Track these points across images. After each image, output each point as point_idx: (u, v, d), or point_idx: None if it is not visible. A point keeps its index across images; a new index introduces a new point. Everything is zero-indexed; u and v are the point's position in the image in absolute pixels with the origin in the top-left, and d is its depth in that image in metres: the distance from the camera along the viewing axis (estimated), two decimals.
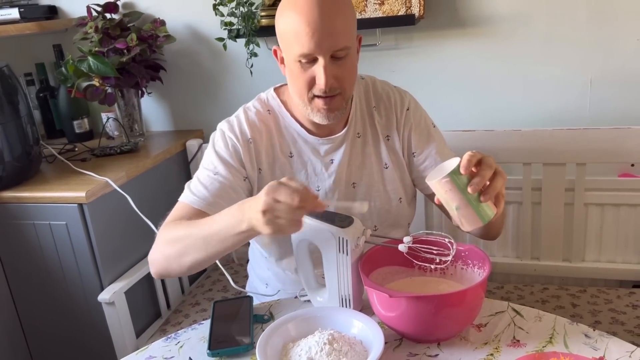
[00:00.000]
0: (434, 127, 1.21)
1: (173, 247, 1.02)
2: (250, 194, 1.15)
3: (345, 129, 1.15)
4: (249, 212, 0.89)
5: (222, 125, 1.16)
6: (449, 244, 0.94)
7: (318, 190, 1.16)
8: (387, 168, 1.17)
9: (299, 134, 1.15)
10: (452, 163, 0.87)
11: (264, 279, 1.29)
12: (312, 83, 1.03)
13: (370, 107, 1.18)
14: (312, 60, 1.01)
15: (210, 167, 1.12)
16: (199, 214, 1.06)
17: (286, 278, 1.23)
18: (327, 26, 0.98)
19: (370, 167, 1.17)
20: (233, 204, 1.01)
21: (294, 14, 0.99)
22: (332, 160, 1.15)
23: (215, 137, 1.16)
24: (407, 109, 1.17)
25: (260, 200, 0.86)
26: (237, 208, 0.93)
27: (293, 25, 1.00)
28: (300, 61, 1.02)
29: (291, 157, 1.16)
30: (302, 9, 0.99)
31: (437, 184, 0.85)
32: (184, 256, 1.01)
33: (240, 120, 1.15)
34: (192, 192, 1.09)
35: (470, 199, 0.85)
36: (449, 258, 0.93)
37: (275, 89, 1.20)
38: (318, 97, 1.04)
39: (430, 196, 1.13)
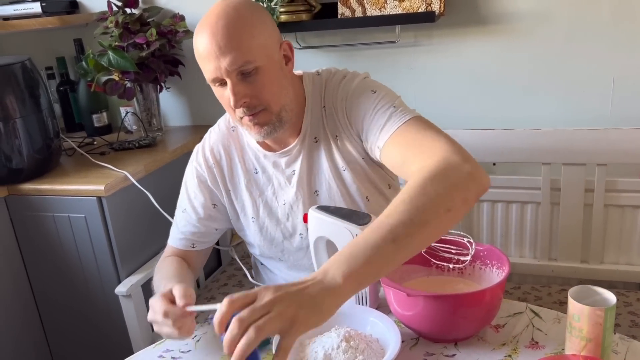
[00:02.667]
0: (374, 92, 1.06)
1: (154, 282, 1.13)
2: (227, 216, 1.21)
3: (299, 137, 1.12)
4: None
5: (193, 155, 1.21)
6: (467, 244, 0.93)
7: (284, 204, 1.15)
8: (344, 170, 1.12)
9: (259, 149, 1.15)
10: None
11: (274, 281, 1.29)
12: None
13: (320, 107, 1.12)
14: (224, 83, 1.00)
15: (181, 205, 1.22)
16: (177, 250, 1.21)
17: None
18: (219, 47, 0.96)
19: (327, 172, 1.12)
20: (202, 236, 1.20)
21: (196, 40, 1.01)
22: (293, 171, 1.14)
23: (187, 169, 1.22)
24: (343, 100, 1.09)
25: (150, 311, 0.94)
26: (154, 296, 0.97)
27: (196, 52, 1.01)
28: (215, 85, 1.03)
29: (256, 173, 1.17)
30: (198, 35, 1.00)
31: None
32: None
33: (204, 146, 1.20)
34: (172, 230, 1.23)
35: None
36: (468, 258, 0.92)
37: None
38: (243, 116, 1.03)
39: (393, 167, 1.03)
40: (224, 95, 1.02)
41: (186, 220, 1.19)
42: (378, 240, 0.75)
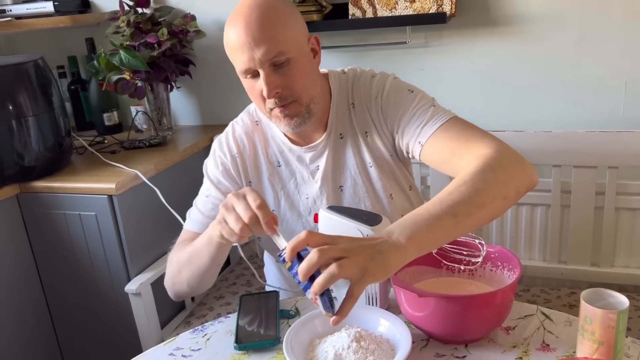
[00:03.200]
0: (411, 91, 1.10)
1: (172, 268, 1.13)
2: None
3: (325, 133, 1.13)
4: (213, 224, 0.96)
5: (214, 144, 1.22)
6: (479, 245, 0.93)
7: (307, 198, 1.17)
8: (371, 167, 1.14)
9: (284, 143, 1.16)
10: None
11: (288, 276, 1.30)
12: (263, 96, 1.03)
13: (348, 104, 1.14)
14: (256, 74, 1.02)
15: (203, 191, 1.19)
16: (197, 236, 1.12)
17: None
18: (254, 38, 0.98)
19: (354, 167, 1.14)
20: None
21: (228, 32, 1.02)
22: (317, 166, 1.15)
23: (208, 158, 1.22)
24: (376, 97, 1.11)
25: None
26: (211, 225, 0.98)
27: (228, 43, 1.02)
28: (246, 77, 1.04)
29: (279, 166, 1.17)
30: (231, 26, 1.01)
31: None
32: (180, 273, 1.10)
33: (228, 136, 1.20)
34: (190, 218, 1.18)
35: None
36: (479, 259, 0.92)
37: None
38: (274, 107, 1.05)
39: (434, 162, 1.06)
40: (255, 86, 1.03)
41: (212, 204, 1.16)
42: (440, 213, 0.81)
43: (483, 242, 0.93)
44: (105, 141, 1.94)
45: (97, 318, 1.70)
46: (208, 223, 1.13)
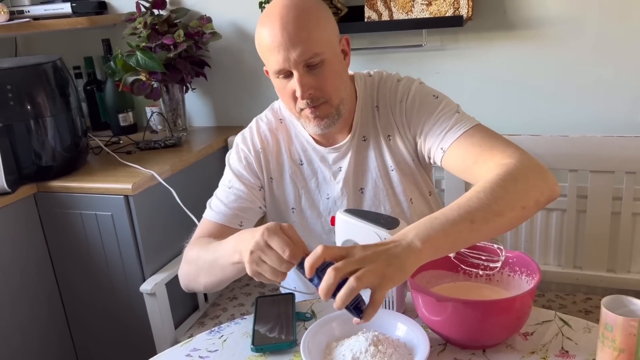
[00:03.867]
0: (436, 97, 1.10)
1: (190, 267, 1.09)
2: (264, 202, 1.20)
3: (350, 135, 1.14)
4: (242, 244, 0.90)
5: (237, 139, 1.21)
6: (497, 250, 0.93)
7: (328, 199, 1.17)
8: (392, 170, 1.14)
9: (308, 142, 1.17)
10: None
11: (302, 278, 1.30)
12: (295, 96, 1.04)
13: (373, 107, 1.14)
14: (289, 74, 1.02)
15: (225, 183, 1.18)
16: (219, 227, 1.13)
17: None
18: (290, 38, 0.98)
19: (375, 170, 1.15)
20: (250, 213, 1.15)
21: (261, 31, 1.02)
22: (340, 168, 1.16)
23: (231, 152, 1.22)
24: (401, 101, 1.11)
25: (253, 239, 0.85)
26: (236, 238, 0.94)
27: (262, 43, 1.02)
28: (278, 77, 1.03)
29: (301, 164, 1.18)
30: (265, 26, 1.01)
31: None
32: (198, 278, 1.07)
33: (252, 131, 1.20)
34: (211, 208, 1.16)
35: None
36: (498, 265, 0.92)
37: None
38: (304, 108, 1.05)
39: (454, 168, 1.06)
40: (287, 87, 1.03)
41: (235, 195, 1.15)
42: (457, 218, 0.81)
43: (502, 247, 0.93)
44: (121, 141, 1.95)
45: (111, 317, 1.71)
46: (230, 214, 1.14)
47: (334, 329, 0.92)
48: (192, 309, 1.78)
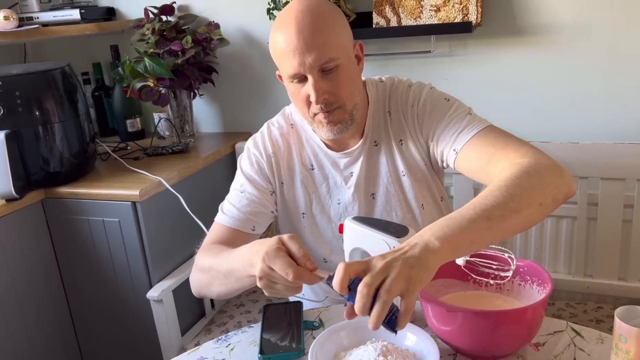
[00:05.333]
0: (447, 100, 1.10)
1: (202, 275, 1.07)
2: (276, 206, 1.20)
3: (361, 140, 1.13)
4: (256, 257, 0.88)
5: (248, 143, 1.21)
6: (508, 259, 0.92)
7: (339, 204, 1.16)
8: (404, 175, 1.14)
9: (320, 147, 1.16)
10: None
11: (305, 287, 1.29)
12: (309, 101, 1.03)
13: (385, 112, 1.14)
14: (304, 79, 1.02)
15: (237, 187, 1.18)
16: (232, 231, 1.13)
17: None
18: (306, 43, 0.97)
19: (386, 176, 1.14)
20: (263, 217, 1.15)
21: (277, 36, 1.01)
22: (351, 173, 1.15)
23: (242, 156, 1.21)
24: (412, 106, 1.11)
25: (257, 262, 0.85)
26: (249, 249, 0.93)
27: (277, 47, 1.02)
28: (292, 81, 1.03)
29: (312, 169, 1.17)
30: (281, 30, 1.00)
31: None
32: (210, 286, 1.06)
33: (264, 136, 1.20)
34: (224, 212, 1.15)
35: None
36: (509, 274, 0.91)
37: None
38: (318, 112, 1.04)
39: (467, 171, 1.05)
40: (301, 91, 1.03)
41: (248, 199, 1.14)
42: (473, 216, 0.80)
43: (513, 257, 0.91)
44: (128, 147, 1.95)
45: (118, 324, 1.70)
46: (242, 218, 1.13)
47: (343, 339, 0.91)
48: (199, 316, 1.77)
